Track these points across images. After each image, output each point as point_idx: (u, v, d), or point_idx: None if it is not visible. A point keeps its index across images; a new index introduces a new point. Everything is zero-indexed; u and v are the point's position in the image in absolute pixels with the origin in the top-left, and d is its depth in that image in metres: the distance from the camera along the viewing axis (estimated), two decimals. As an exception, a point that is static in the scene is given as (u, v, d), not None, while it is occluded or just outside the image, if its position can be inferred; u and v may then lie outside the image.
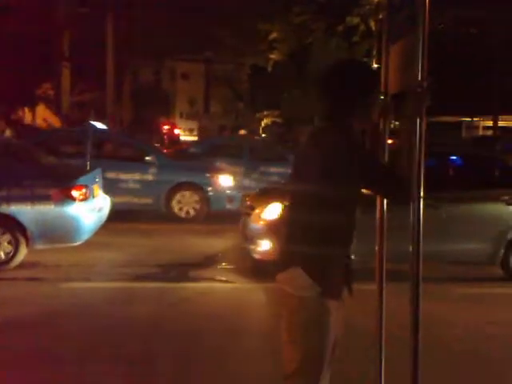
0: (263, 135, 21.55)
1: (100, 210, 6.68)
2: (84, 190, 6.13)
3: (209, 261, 6.64)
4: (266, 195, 6.78)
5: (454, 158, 6.36)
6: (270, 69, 16.91)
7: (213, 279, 5.85)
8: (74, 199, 6.01)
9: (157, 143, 27.21)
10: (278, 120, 20.21)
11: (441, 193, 5.53)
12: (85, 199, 6.12)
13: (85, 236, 6.19)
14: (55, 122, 22.30)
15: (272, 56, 16.79)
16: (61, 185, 6.04)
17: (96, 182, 6.74)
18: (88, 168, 7.29)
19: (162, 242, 7.57)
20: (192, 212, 9.28)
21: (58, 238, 6.05)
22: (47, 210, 5.91)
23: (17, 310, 4.61)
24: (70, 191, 6.01)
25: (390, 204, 2.56)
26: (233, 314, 4.69)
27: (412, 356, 2.18)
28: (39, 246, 6.02)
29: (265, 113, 20.43)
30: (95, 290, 5.39)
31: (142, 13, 15.59)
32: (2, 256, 5.85)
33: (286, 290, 2.15)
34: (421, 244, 2.21)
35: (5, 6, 14.62)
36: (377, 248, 2.63)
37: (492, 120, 22.72)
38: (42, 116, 24.72)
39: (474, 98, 18.56)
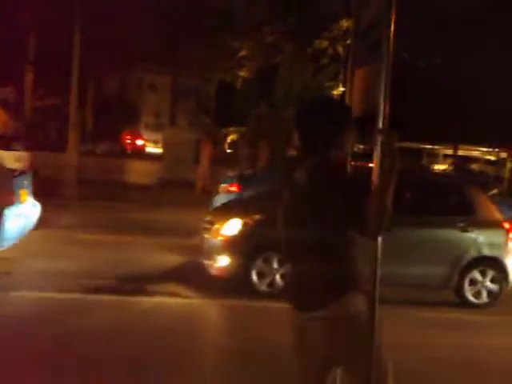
0: (228, 150, 21.60)
1: (27, 216, 6.44)
2: (8, 195, 5.90)
3: (166, 275, 6.53)
4: (226, 211, 6.76)
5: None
6: (238, 86, 17.01)
7: (168, 294, 5.76)
8: None
9: (118, 152, 26.83)
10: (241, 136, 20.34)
11: (398, 217, 5.63)
12: (9, 204, 5.90)
13: (7, 242, 5.94)
14: (13, 126, 21.66)
15: (241, 73, 16.90)
16: None
17: (24, 187, 6.49)
18: (17, 173, 7.02)
19: (120, 255, 7.41)
20: None
21: None
22: None
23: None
24: None
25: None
26: (184, 330, 4.62)
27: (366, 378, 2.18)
28: None
29: (231, 129, 20.49)
30: (47, 299, 5.20)
31: (112, 21, 15.45)
32: None
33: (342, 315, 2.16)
34: (378, 266, 2.23)
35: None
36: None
37: (452, 148, 23.46)
38: (1, 119, 24.02)
39: (435, 125, 19.15)
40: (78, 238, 8.06)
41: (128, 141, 33.88)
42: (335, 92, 15.11)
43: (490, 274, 6.31)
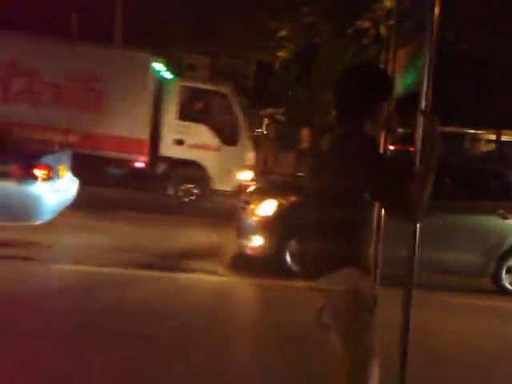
0: (265, 132, 21.54)
1: (65, 191, 6.61)
2: (47, 170, 6.06)
3: (203, 253, 6.64)
4: (262, 191, 6.80)
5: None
6: (277, 66, 16.87)
7: (204, 271, 5.85)
8: (36, 178, 5.94)
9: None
10: (281, 118, 20.20)
11: (438, 202, 5.53)
12: (48, 179, 6.06)
13: (46, 216, 6.11)
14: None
15: (280, 54, 16.74)
16: (23, 162, 5.95)
17: (62, 163, 6.67)
18: (55, 148, 7.15)
19: (158, 232, 7.56)
20: None
21: (17, 215, 5.96)
22: (8, 187, 5.83)
23: (6, 287, 4.59)
24: (32, 169, 5.95)
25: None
26: (218, 307, 4.71)
27: (400, 365, 2.19)
28: None
29: (269, 110, 20.42)
30: (86, 273, 5.37)
31: (152, 2, 15.55)
32: None
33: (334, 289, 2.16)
34: (417, 251, 2.21)
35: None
36: (373, 251, 2.64)
37: (495, 133, 22.74)
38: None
39: (479, 110, 18.58)
40: (117, 214, 8.26)
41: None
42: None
43: (528, 261, 6.17)
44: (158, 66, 10.49)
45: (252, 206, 6.16)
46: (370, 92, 2.23)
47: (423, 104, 2.19)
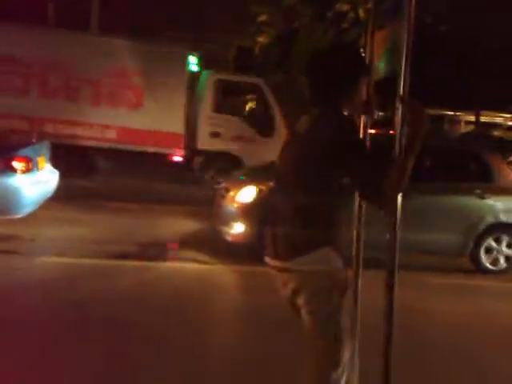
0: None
1: (45, 183, 6.53)
2: (26, 162, 5.98)
3: (184, 242, 6.63)
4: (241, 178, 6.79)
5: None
6: (257, 51, 16.77)
7: (186, 259, 5.85)
8: (15, 170, 5.86)
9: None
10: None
11: (416, 183, 5.57)
12: (27, 171, 5.98)
13: (26, 209, 6.04)
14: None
15: (260, 39, 16.64)
16: (1, 155, 5.86)
17: (41, 155, 6.58)
18: (34, 140, 7.07)
19: (139, 222, 7.53)
20: None
21: None
22: None
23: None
24: (11, 162, 5.86)
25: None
26: (201, 294, 4.72)
27: (385, 343, 2.21)
28: None
29: (249, 96, 20.32)
30: (69, 265, 5.33)
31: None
32: None
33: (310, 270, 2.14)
34: (398, 232, 2.23)
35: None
36: (354, 234, 2.67)
37: (474, 115, 22.97)
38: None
39: (457, 91, 18.71)
40: (98, 205, 8.19)
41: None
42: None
43: (506, 240, 6.28)
44: (193, 60, 10.55)
45: (232, 193, 6.15)
46: (344, 72, 2.19)
47: (401, 87, 2.18)
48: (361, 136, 2.47)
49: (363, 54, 2.48)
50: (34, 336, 3.58)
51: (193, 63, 10.78)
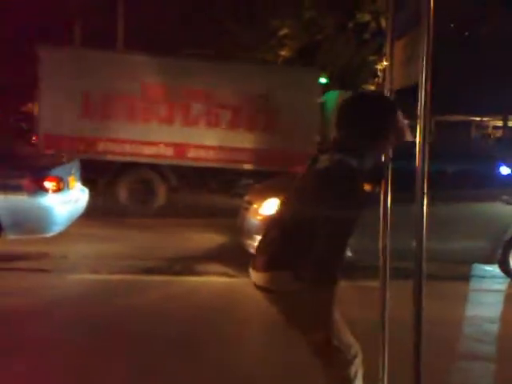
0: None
1: (76, 201, 6.67)
2: (57, 181, 6.12)
3: (210, 255, 6.67)
4: (265, 190, 6.81)
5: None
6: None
7: (212, 273, 5.89)
8: (46, 190, 6.01)
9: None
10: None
11: (441, 191, 5.51)
12: (58, 190, 6.12)
13: (57, 227, 6.17)
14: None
15: (282, 53, 16.74)
16: (34, 175, 6.02)
17: (72, 174, 6.73)
18: (64, 160, 7.22)
19: (164, 236, 7.61)
20: None
21: (30, 228, 6.02)
22: (20, 200, 5.89)
23: (22, 300, 4.66)
24: (43, 182, 6.01)
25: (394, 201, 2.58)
26: (232, 307, 4.73)
27: (414, 353, 2.19)
28: (11, 236, 6.00)
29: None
30: (100, 281, 5.43)
31: (153, 5, 15.59)
32: None
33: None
34: (424, 241, 2.21)
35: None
36: (381, 245, 2.65)
37: (502, 120, 22.56)
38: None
39: (484, 97, 18.42)
40: (126, 222, 8.32)
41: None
42: (379, 66, 14.77)
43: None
44: (322, 80, 10.72)
45: (255, 206, 6.18)
46: (366, 127, 2.22)
47: (422, 95, 2.17)
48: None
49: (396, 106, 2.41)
50: (68, 352, 3.65)
51: (323, 82, 10.89)
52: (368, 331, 2.67)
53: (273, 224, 2.36)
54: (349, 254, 6.06)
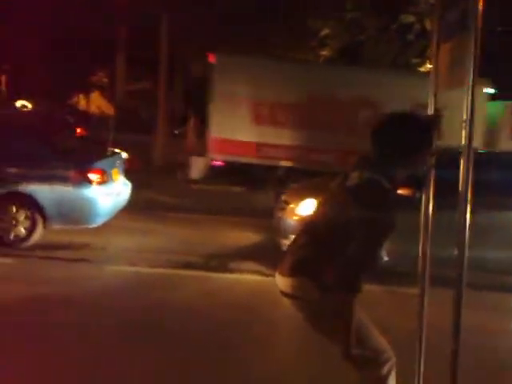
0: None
1: (118, 194, 6.79)
2: (101, 174, 6.27)
3: (246, 253, 6.71)
4: (301, 191, 6.79)
5: None
6: (320, 65, 16.80)
7: (247, 271, 5.92)
8: (90, 182, 6.15)
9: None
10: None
11: (484, 198, 5.36)
12: (102, 183, 6.26)
13: (101, 219, 6.32)
14: (108, 109, 22.92)
15: (323, 52, 16.67)
16: (79, 167, 6.19)
17: (115, 167, 6.87)
18: (109, 153, 7.41)
19: (202, 233, 7.70)
20: None
21: (74, 219, 6.21)
22: (65, 191, 6.08)
23: (60, 289, 4.81)
24: (88, 174, 6.16)
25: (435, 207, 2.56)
26: (264, 306, 4.73)
27: (452, 362, 2.17)
28: (56, 226, 6.21)
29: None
30: (138, 274, 5.54)
31: (197, 7, 15.75)
32: (23, 232, 6.08)
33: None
34: (466, 249, 2.19)
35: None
36: (420, 251, 2.62)
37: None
38: (96, 103, 25.49)
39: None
40: (166, 216, 8.46)
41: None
42: (422, 69, 14.51)
43: None
44: (490, 90, 10.69)
45: (292, 206, 6.18)
46: (399, 147, 2.25)
47: (469, 101, 2.14)
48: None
49: (432, 126, 2.42)
50: (99, 342, 3.75)
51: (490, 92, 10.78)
52: (404, 338, 2.65)
53: (303, 229, 2.40)
54: (385, 258, 6.02)
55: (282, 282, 2.35)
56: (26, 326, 3.94)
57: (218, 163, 10.16)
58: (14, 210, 6.10)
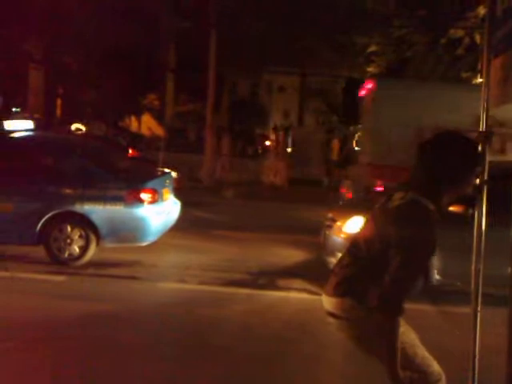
0: (356, 148, 21.27)
1: (168, 213, 6.93)
2: (153, 193, 6.42)
3: (293, 271, 6.69)
4: (349, 208, 6.72)
5: None
6: (366, 82, 16.72)
7: (295, 289, 5.90)
8: (142, 201, 6.32)
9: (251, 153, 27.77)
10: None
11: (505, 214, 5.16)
12: (153, 202, 6.41)
13: (152, 237, 6.46)
14: (158, 130, 23.59)
15: (369, 69, 16.59)
16: (131, 187, 6.36)
17: (166, 186, 7.02)
18: (159, 172, 7.54)
19: (252, 251, 7.73)
20: None
21: (125, 237, 6.38)
22: (117, 210, 6.27)
23: (110, 305, 4.93)
24: (140, 194, 6.33)
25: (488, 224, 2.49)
26: (311, 325, 4.69)
27: (507, 381, 2.09)
28: (108, 244, 6.39)
29: (359, 126, 20.16)
30: (186, 291, 5.63)
31: (241, 29, 16.05)
32: (77, 250, 6.26)
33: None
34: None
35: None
36: (473, 269, 2.55)
37: None
38: (147, 125, 26.29)
39: None
40: (214, 234, 8.56)
41: (267, 142, 34.55)
42: (473, 82, 14.18)
43: None
44: None
45: (339, 223, 6.12)
46: (459, 165, 2.21)
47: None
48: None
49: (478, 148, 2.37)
50: (147, 358, 3.81)
51: None
52: (456, 358, 2.58)
53: (348, 249, 2.40)
54: (437, 277, 5.85)
55: (326, 301, 2.36)
56: (78, 340, 4.07)
57: (380, 189, 9.87)
58: (69, 229, 6.32)
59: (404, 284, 2.12)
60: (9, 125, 8.92)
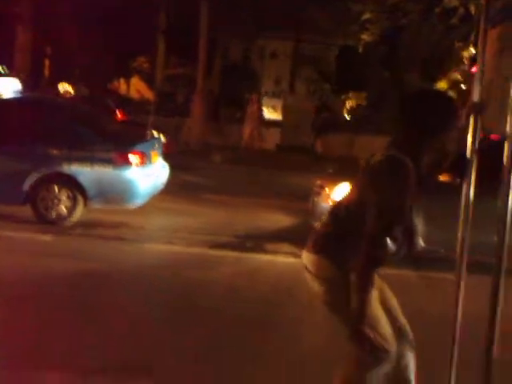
0: (347, 117, 21.23)
1: (157, 176, 6.92)
2: (141, 156, 6.40)
3: (281, 235, 6.73)
4: (337, 175, 6.75)
5: None
6: (360, 50, 16.53)
7: (282, 253, 5.95)
8: (130, 164, 6.29)
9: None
10: (363, 103, 19.83)
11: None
12: (141, 164, 6.39)
13: (140, 199, 6.46)
14: (147, 93, 23.25)
15: (363, 37, 16.39)
16: (119, 149, 6.33)
17: (154, 149, 6.98)
18: (148, 135, 7.52)
19: (240, 215, 7.77)
20: None
21: (113, 199, 6.39)
22: (105, 172, 6.26)
23: (96, 265, 4.93)
24: (128, 156, 6.30)
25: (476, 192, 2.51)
26: (297, 288, 4.75)
27: (486, 349, 2.15)
28: (96, 205, 6.40)
29: (350, 94, 20.08)
30: (173, 252, 5.66)
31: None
32: (64, 210, 6.26)
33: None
34: (506, 235, 2.15)
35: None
36: (459, 237, 2.59)
37: None
38: (136, 87, 25.89)
39: None
40: (202, 198, 8.57)
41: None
42: (465, 53, 14.11)
43: None
44: None
45: (326, 190, 6.17)
46: (438, 122, 2.23)
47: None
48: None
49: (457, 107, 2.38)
50: (133, 319, 3.83)
51: None
52: (439, 324, 2.64)
53: (331, 209, 2.47)
54: (422, 244, 5.93)
55: (304, 256, 2.42)
56: (65, 298, 4.10)
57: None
58: (57, 189, 6.30)
59: (379, 236, 2.14)
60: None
